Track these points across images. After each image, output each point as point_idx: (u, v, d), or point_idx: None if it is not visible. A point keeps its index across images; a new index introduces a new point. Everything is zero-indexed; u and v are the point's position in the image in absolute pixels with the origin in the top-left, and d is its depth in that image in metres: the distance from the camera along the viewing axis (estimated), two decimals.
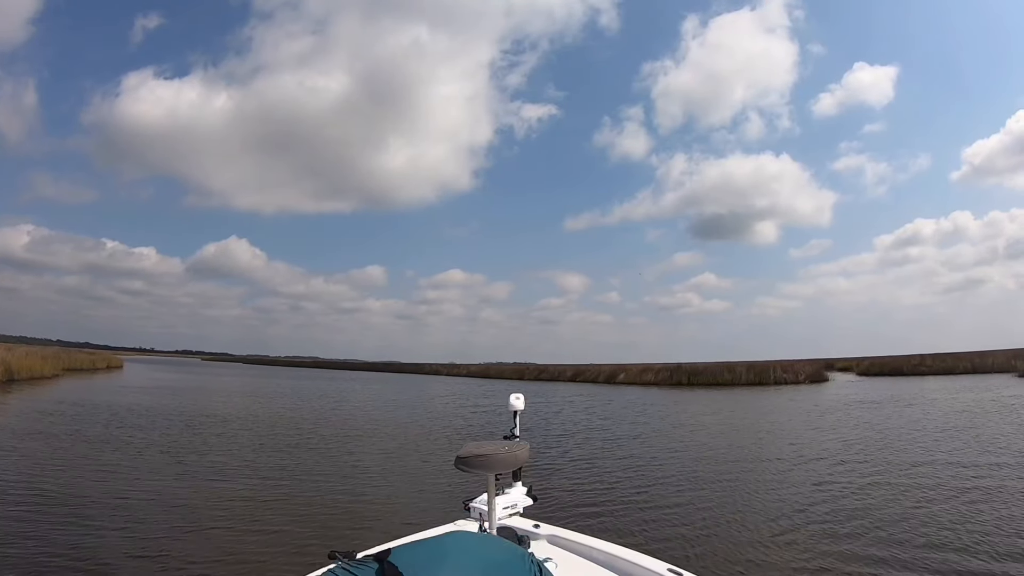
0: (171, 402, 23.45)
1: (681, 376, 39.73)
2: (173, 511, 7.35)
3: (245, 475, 9.74)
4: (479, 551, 1.73)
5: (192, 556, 5.76)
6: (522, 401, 3.40)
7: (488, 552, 1.74)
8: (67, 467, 9.73)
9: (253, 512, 7.38)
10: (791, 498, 8.10)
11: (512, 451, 2.36)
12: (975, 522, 6.67)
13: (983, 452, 10.99)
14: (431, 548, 1.72)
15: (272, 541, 6.26)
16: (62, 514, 7.00)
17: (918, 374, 40.10)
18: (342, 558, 1.67)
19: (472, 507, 2.95)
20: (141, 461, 10.54)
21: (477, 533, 2.13)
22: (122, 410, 18.75)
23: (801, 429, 15.69)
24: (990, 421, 15.34)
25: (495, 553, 1.74)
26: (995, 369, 38.07)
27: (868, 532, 6.43)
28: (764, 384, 35.60)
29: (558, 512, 7.16)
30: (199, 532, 6.54)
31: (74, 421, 15.39)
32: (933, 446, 11.94)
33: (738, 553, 5.89)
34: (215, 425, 16.11)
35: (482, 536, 2.09)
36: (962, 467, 9.76)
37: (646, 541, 6.13)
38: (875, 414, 18.27)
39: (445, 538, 1.81)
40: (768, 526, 6.82)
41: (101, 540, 6.14)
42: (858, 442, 12.85)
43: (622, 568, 2.48)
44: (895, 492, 8.21)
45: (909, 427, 14.92)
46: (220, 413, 19.65)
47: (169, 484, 8.81)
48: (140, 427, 14.97)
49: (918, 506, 7.46)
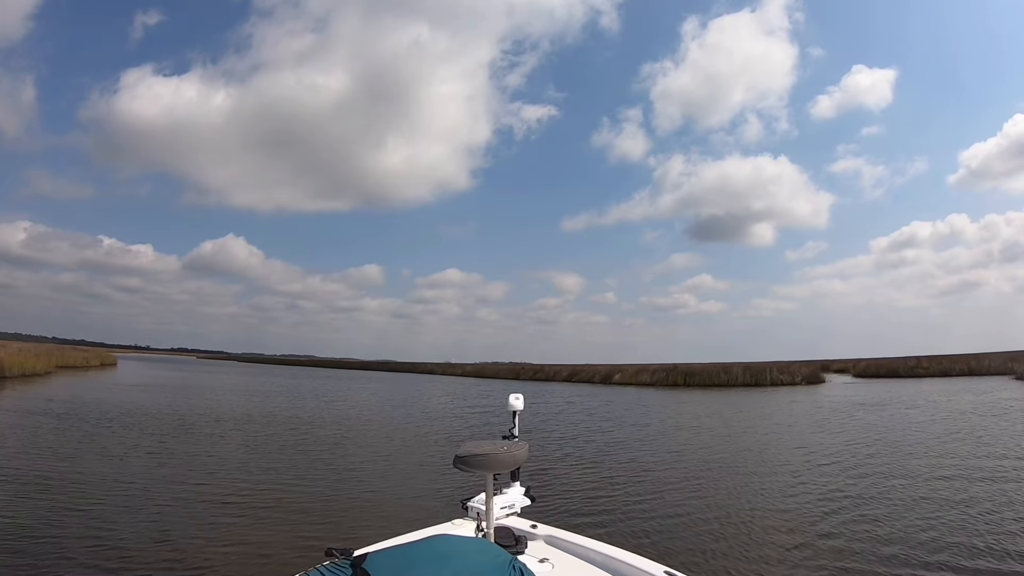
0: (163, 400, 23.22)
1: (677, 377, 39.67)
2: (160, 513, 7.16)
3: (237, 476, 9.54)
4: (460, 557, 1.71)
5: (189, 557, 5.64)
6: (521, 401, 3.39)
7: (469, 558, 1.72)
8: (60, 461, 9.53)
9: (250, 512, 7.27)
10: (796, 502, 7.97)
11: (511, 451, 2.36)
12: (992, 526, 6.55)
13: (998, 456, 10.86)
14: (410, 553, 1.72)
15: (272, 541, 6.20)
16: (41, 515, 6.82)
17: (915, 376, 40.16)
18: (338, 555, 1.69)
19: (470, 507, 2.94)
20: (125, 463, 10.30)
21: (461, 537, 2.07)
22: (112, 408, 18.51)
23: (805, 432, 15.49)
24: (1002, 423, 15.24)
25: (477, 559, 1.73)
26: (991, 372, 38.15)
27: (869, 534, 6.38)
28: (761, 385, 35.59)
29: (556, 513, 7.11)
30: (192, 533, 6.37)
31: (60, 419, 15.17)
32: (944, 448, 11.79)
33: (738, 556, 5.85)
34: (207, 425, 15.91)
35: (466, 540, 2.04)
36: (977, 469, 9.62)
37: (643, 543, 6.11)
38: (879, 416, 18.15)
39: (424, 543, 1.79)
40: (768, 527, 6.77)
41: (82, 543, 5.96)
42: (864, 444, 12.69)
43: (619, 570, 2.46)
44: (906, 496, 8.04)
45: (918, 430, 14.82)
46: (213, 412, 19.42)
47: (155, 485, 8.58)
48: (129, 426, 14.76)
49: (934, 512, 7.26)
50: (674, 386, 38.05)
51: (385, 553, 1.71)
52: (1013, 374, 34.34)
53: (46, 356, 38.14)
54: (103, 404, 19.65)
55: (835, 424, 16.52)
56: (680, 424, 18.24)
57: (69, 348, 59.67)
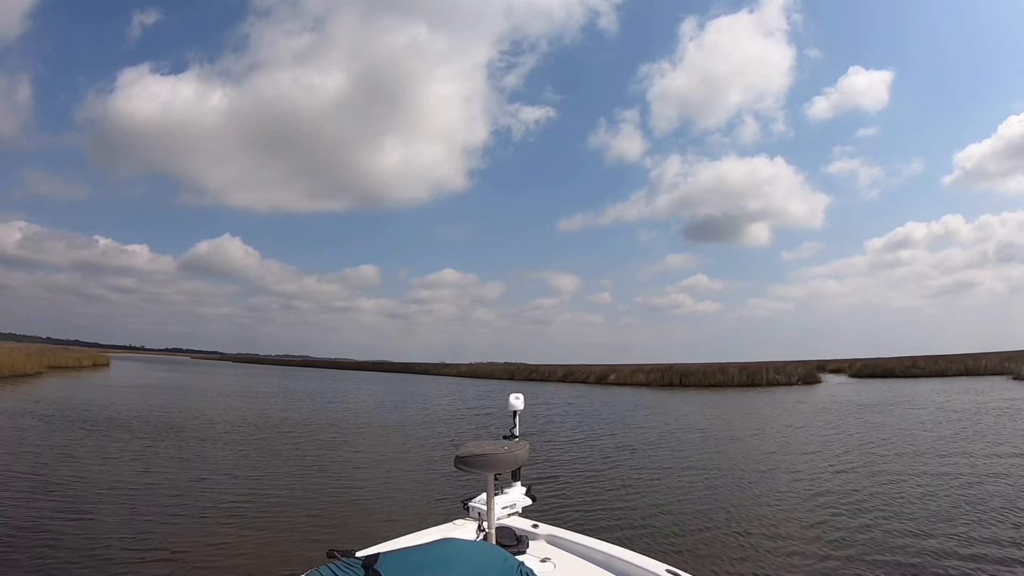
0: (154, 402, 22.91)
1: (673, 377, 39.46)
2: (151, 518, 6.90)
3: (232, 478, 9.34)
4: (467, 560, 1.72)
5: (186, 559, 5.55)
6: (522, 401, 3.40)
7: (476, 561, 1.73)
8: (40, 462, 9.24)
9: (249, 514, 7.16)
10: (805, 504, 7.78)
11: (512, 451, 2.36)
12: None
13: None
14: (419, 556, 1.74)
15: (271, 541, 6.15)
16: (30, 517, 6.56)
17: (911, 376, 40.07)
18: (341, 557, 1.71)
19: (471, 507, 2.93)
20: (111, 466, 10.03)
21: (468, 541, 2.06)
22: (102, 410, 18.16)
23: (815, 433, 15.20)
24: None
25: (483, 562, 1.74)
26: (988, 372, 38.08)
27: (872, 536, 6.27)
28: (757, 385, 35.43)
29: (557, 512, 7.05)
30: (183, 538, 6.19)
31: (45, 421, 14.84)
32: (963, 449, 11.55)
33: (737, 555, 5.79)
34: (200, 428, 15.64)
35: (472, 544, 2.04)
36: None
37: (645, 542, 6.06)
38: (888, 417, 17.92)
39: (433, 546, 1.81)
40: (768, 529, 6.65)
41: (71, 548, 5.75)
42: (876, 444, 12.49)
43: (620, 568, 2.46)
44: (915, 498, 7.87)
45: (929, 430, 14.59)
46: (205, 414, 19.18)
47: (142, 490, 8.33)
48: (123, 426, 14.43)
49: (942, 514, 7.08)
50: (670, 386, 37.84)
51: (395, 555, 1.72)
52: (1011, 374, 34.26)
53: (37, 356, 37.70)
54: (92, 405, 19.29)
55: (844, 425, 16.23)
56: (684, 425, 17.93)
57: (61, 348, 59.14)
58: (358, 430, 16.27)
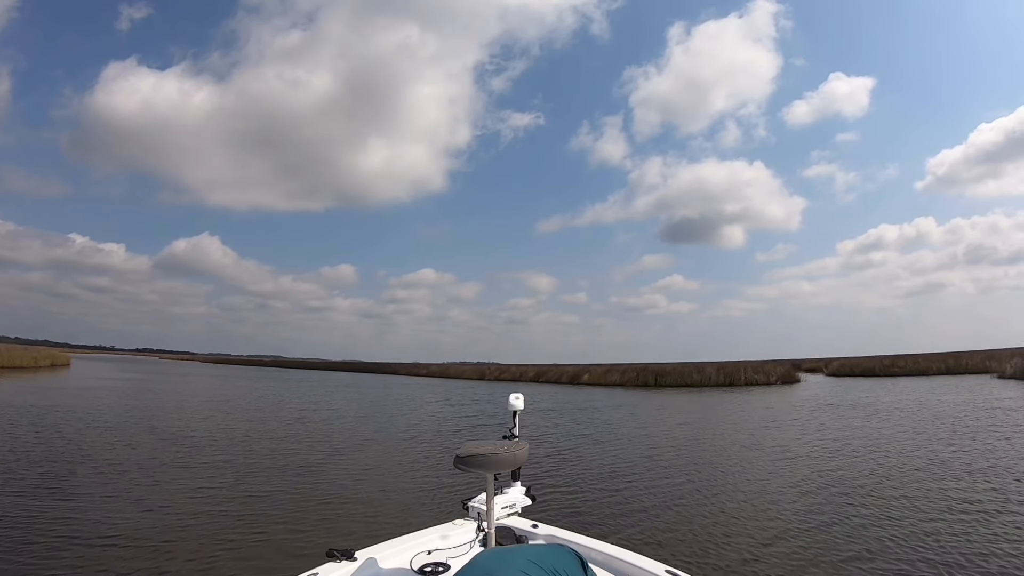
0: (117, 403, 20.86)
1: (648, 377, 38.18)
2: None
3: (220, 485, 8.66)
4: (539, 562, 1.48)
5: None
6: (521, 401, 3.29)
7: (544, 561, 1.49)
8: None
9: (248, 515, 6.94)
10: (802, 504, 7.49)
11: (511, 451, 2.30)
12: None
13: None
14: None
15: (270, 541, 6.02)
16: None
17: (891, 375, 39.64)
18: (340, 556, 1.79)
19: (471, 507, 2.85)
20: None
21: (497, 550, 1.92)
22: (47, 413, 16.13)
23: (811, 434, 14.00)
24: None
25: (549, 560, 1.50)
26: (970, 370, 37.66)
27: (872, 537, 6.04)
28: (735, 385, 34.48)
29: (557, 512, 6.92)
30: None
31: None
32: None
33: (737, 555, 5.60)
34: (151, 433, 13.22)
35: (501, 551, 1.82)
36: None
37: (644, 542, 5.93)
38: (885, 421, 16.38)
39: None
40: (768, 529, 6.44)
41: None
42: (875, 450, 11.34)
43: (620, 569, 2.39)
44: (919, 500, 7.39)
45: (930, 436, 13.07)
46: (176, 414, 16.63)
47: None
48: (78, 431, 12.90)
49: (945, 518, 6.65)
50: (644, 386, 36.44)
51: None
52: (993, 372, 33.43)
53: None
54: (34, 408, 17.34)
55: (838, 424, 15.38)
56: (670, 424, 17.01)
57: (19, 348, 55.49)
58: (356, 430, 13.96)
